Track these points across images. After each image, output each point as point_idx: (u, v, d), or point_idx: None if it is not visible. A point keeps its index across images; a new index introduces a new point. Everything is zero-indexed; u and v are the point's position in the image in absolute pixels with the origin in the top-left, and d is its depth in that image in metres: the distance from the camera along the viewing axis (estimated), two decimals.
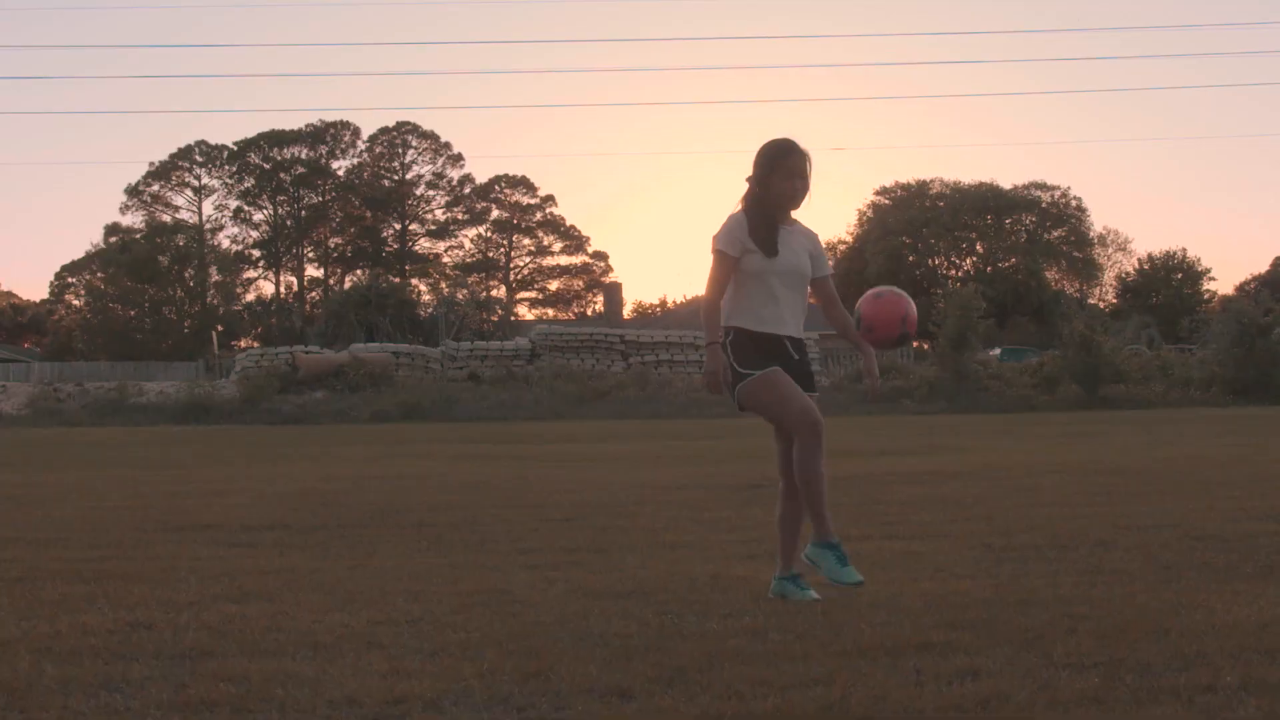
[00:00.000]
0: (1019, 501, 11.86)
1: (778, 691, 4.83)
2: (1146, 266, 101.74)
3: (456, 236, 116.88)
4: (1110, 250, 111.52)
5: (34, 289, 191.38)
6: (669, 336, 50.31)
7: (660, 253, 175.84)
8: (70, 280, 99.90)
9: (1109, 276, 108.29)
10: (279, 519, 11.21)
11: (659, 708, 4.68)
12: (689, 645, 5.63)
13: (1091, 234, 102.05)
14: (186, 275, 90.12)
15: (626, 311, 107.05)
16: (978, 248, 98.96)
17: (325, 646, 5.74)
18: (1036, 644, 5.53)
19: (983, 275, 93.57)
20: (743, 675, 5.05)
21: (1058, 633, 5.73)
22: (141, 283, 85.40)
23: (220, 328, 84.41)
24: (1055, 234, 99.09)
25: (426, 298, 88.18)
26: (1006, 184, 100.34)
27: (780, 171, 7.02)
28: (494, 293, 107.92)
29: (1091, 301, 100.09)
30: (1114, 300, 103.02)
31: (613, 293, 78.03)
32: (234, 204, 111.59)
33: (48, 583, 7.70)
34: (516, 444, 25.06)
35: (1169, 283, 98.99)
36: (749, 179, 7.11)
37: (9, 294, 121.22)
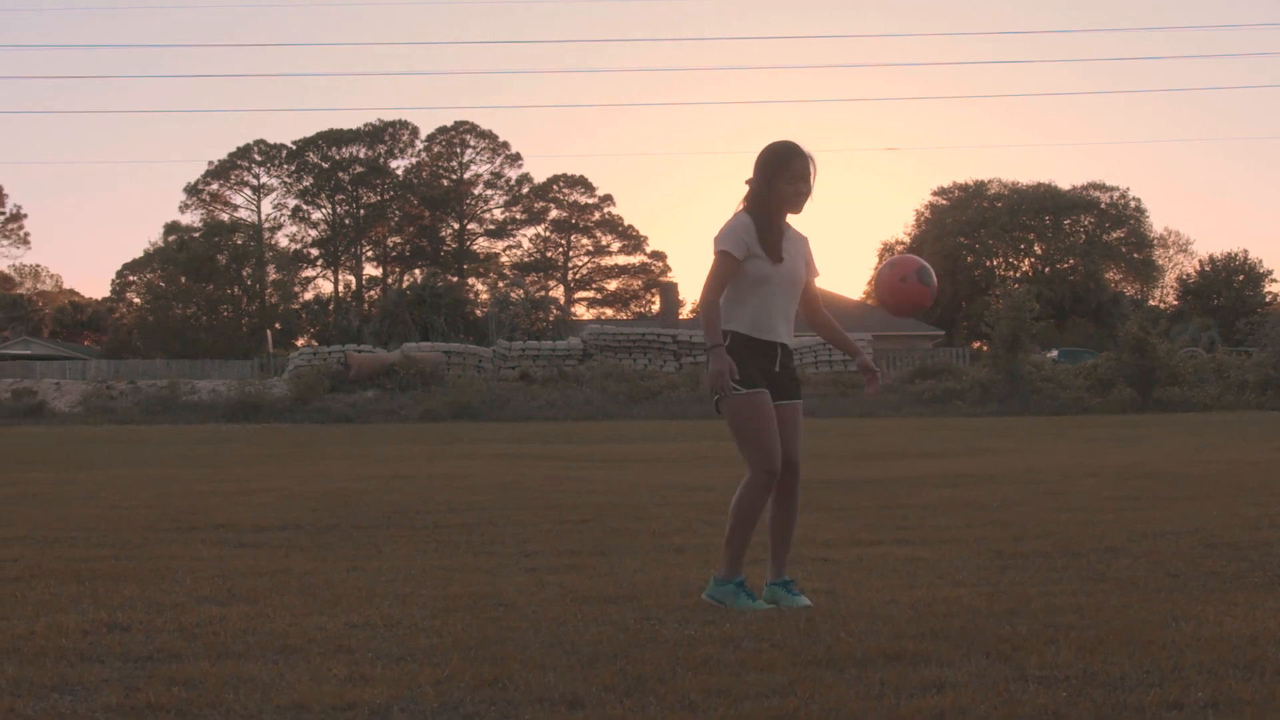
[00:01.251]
0: (1043, 506, 11.71)
1: (733, 702, 4.73)
2: (1207, 268, 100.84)
3: (514, 236, 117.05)
4: (1171, 251, 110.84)
5: (96, 287, 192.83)
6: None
7: None
8: (131, 279, 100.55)
9: (1170, 278, 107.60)
10: (294, 519, 11.19)
11: (607, 717, 4.59)
12: (658, 653, 5.53)
13: (1151, 235, 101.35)
14: (244, 274, 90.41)
15: (684, 311, 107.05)
16: (1036, 249, 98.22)
17: (293, 650, 5.68)
18: (1013, 656, 5.40)
19: (1041, 276, 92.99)
20: (702, 684, 4.96)
21: (1037, 644, 5.60)
22: (198, 281, 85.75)
23: (277, 326, 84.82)
24: (1114, 235, 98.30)
25: (484, 297, 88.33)
26: (1065, 184, 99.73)
27: (785, 175, 6.90)
28: (552, 292, 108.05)
29: (1152, 303, 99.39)
30: (1175, 302, 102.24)
31: (669, 293, 77.88)
32: (292, 203, 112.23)
33: (41, 582, 7.69)
34: (561, 444, 25.05)
35: (1230, 285, 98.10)
36: (749, 181, 6.99)
37: (70, 292, 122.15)
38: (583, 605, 6.74)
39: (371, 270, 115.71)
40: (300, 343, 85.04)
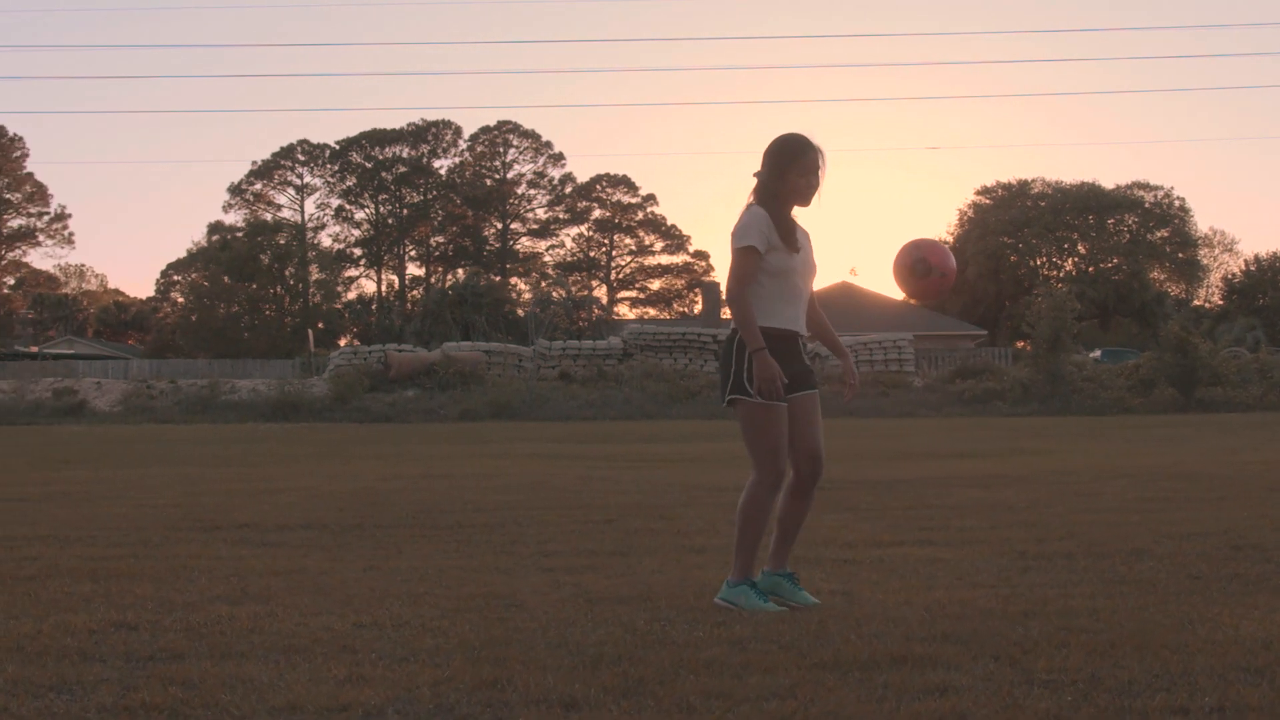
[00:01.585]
0: (1072, 507, 11.61)
1: (731, 705, 4.68)
2: (1253, 268, 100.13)
3: (557, 236, 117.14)
4: (1216, 251, 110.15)
5: (141, 287, 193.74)
6: None
7: None
8: (176, 279, 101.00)
9: (1215, 277, 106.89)
10: (318, 519, 11.18)
11: None
12: (663, 654, 5.48)
13: (1196, 235, 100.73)
14: (286, 274, 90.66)
15: (726, 311, 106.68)
16: (1080, 248, 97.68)
17: (297, 650, 5.65)
18: (1022, 659, 5.33)
19: (1084, 276, 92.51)
20: (703, 687, 4.91)
21: (1048, 647, 5.53)
22: (241, 280, 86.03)
23: (320, 325, 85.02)
24: (1158, 235, 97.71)
25: (527, 296, 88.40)
26: (1109, 184, 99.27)
27: (796, 168, 6.86)
28: (595, 292, 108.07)
29: (1197, 303, 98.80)
30: (1220, 302, 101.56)
31: (710, 292, 77.53)
32: (335, 203, 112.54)
33: (56, 581, 7.69)
34: (596, 444, 25.00)
35: (1276, 284, 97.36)
36: (758, 174, 6.94)
37: (115, 292, 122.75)
38: (595, 606, 6.69)
39: (415, 270, 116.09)
40: (343, 342, 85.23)
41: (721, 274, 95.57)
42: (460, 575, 7.85)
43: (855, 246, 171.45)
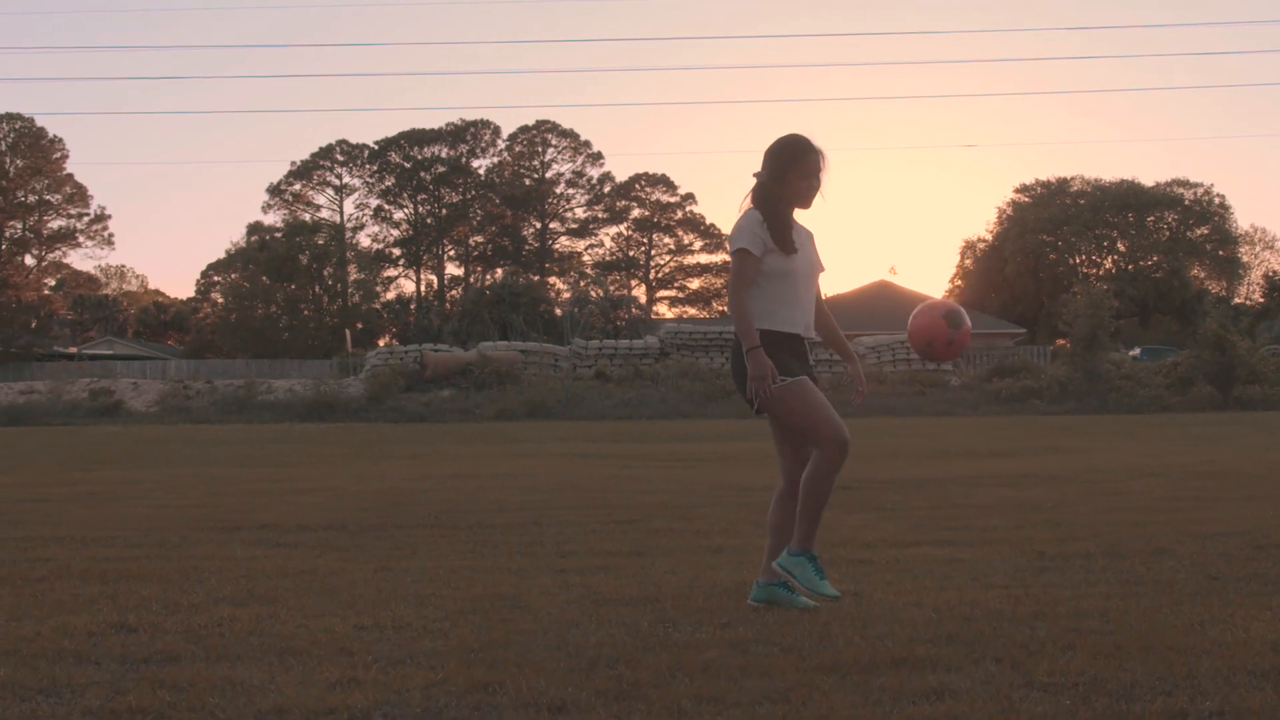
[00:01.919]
0: (1099, 506, 11.51)
1: (723, 709, 4.60)
2: None
3: (596, 235, 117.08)
4: (1256, 248, 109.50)
5: (182, 288, 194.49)
6: None
7: None
8: (216, 279, 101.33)
9: (1255, 275, 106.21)
10: (340, 519, 11.15)
11: None
12: (663, 657, 5.40)
13: (1236, 232, 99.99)
14: (325, 274, 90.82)
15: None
16: (1119, 246, 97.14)
17: (294, 652, 5.60)
18: (1025, 661, 5.23)
19: (1124, 274, 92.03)
20: (697, 690, 4.83)
21: (1054, 649, 5.43)
22: (279, 281, 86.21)
23: (359, 326, 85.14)
24: (1198, 232, 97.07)
25: (565, 296, 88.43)
26: (1148, 181, 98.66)
27: (798, 169, 6.79)
28: (634, 291, 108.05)
29: (1237, 301, 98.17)
30: (1260, 299, 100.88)
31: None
32: (374, 203, 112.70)
33: (65, 582, 7.66)
34: (629, 443, 24.95)
35: None
36: (757, 174, 6.86)
37: (156, 293, 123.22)
38: (601, 607, 6.62)
39: (454, 269, 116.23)
40: (382, 342, 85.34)
41: None
42: (471, 576, 7.80)
43: (894, 245, 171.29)
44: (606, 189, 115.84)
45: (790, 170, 6.77)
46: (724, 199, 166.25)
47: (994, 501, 12.15)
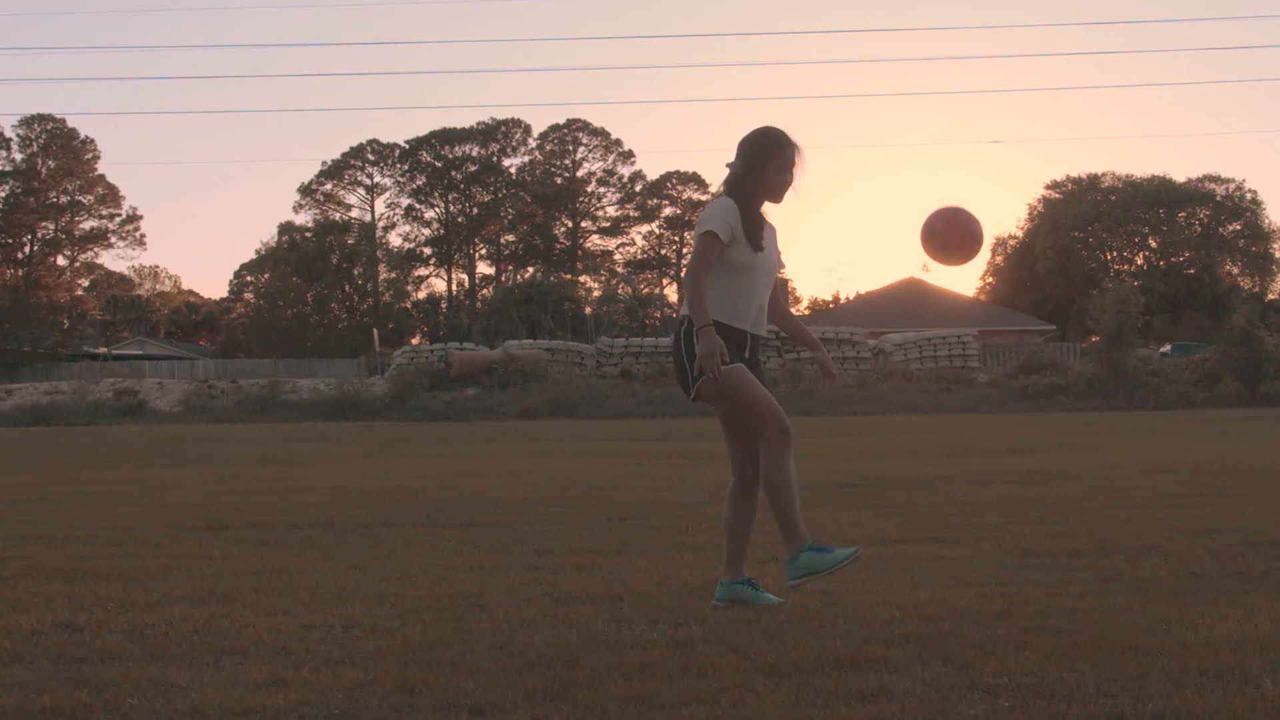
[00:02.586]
0: (1101, 503, 11.34)
1: (647, 710, 4.48)
2: None
3: (628, 233, 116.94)
4: None
5: (215, 288, 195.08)
6: (824, 332, 49.65)
7: (836, 247, 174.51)
8: (249, 279, 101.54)
9: None
10: (331, 517, 11.06)
11: None
12: (604, 657, 5.28)
13: (1269, 228, 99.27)
14: (355, 273, 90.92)
15: (802, 307, 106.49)
16: (1150, 242, 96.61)
17: (232, 652, 5.51)
18: (975, 662, 5.09)
19: (1155, 270, 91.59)
20: (628, 692, 4.70)
21: (1008, 650, 5.29)
22: (310, 280, 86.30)
23: (390, 325, 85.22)
24: (1230, 228, 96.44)
25: (597, 294, 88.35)
26: (1179, 177, 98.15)
27: (774, 162, 6.71)
28: (666, 290, 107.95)
29: (1271, 297, 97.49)
30: None
31: (778, 288, 77.46)
32: (405, 202, 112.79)
33: (29, 581, 7.59)
34: (648, 441, 24.82)
35: None
36: (731, 165, 6.74)
37: (189, 293, 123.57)
38: (560, 606, 6.51)
39: (485, 268, 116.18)
40: (415, 340, 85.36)
41: (791, 272, 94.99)
42: (440, 574, 7.69)
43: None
44: (638, 187, 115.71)
45: (766, 163, 6.69)
46: None
47: (995, 498, 11.99)
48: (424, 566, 8.05)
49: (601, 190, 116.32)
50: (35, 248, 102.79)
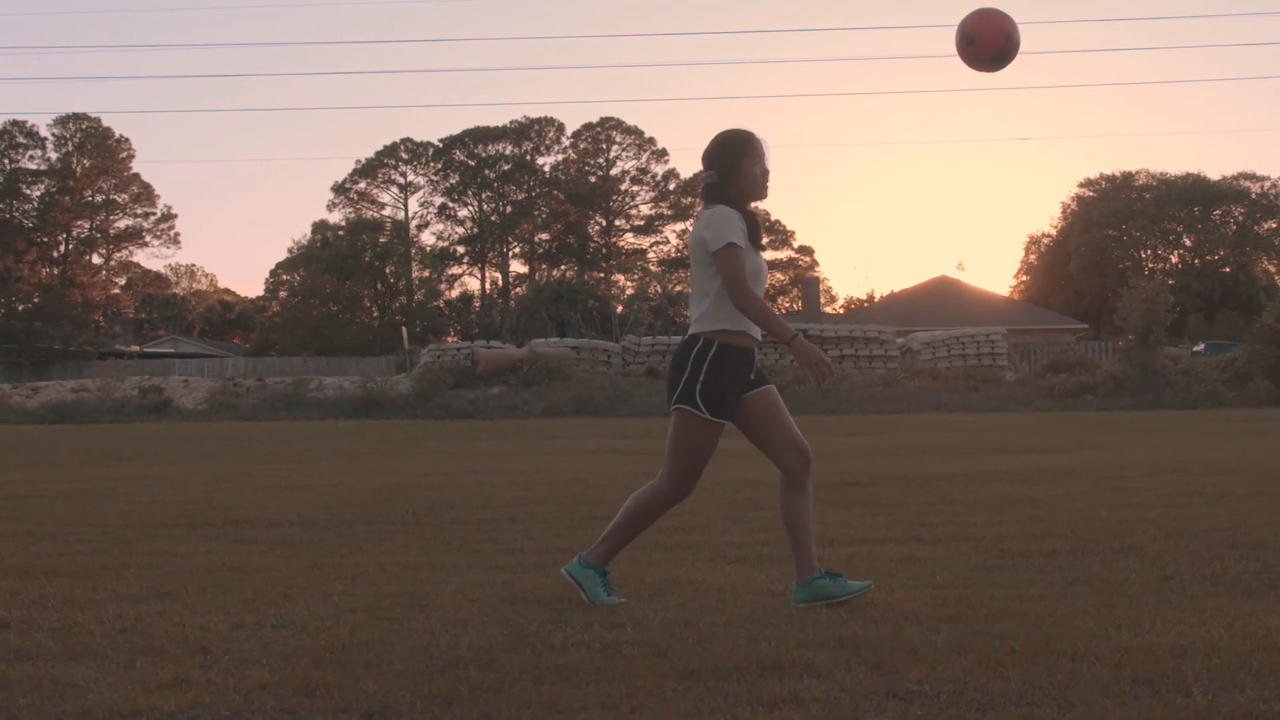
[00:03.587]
0: (1096, 503, 11.13)
1: (546, 715, 4.34)
2: None
3: (661, 232, 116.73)
4: None
5: (252, 286, 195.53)
6: (852, 331, 49.47)
7: (872, 247, 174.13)
8: (285, 277, 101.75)
9: None
10: (315, 515, 10.98)
11: None
12: (524, 659, 5.15)
13: None
14: (387, 271, 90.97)
15: (838, 305, 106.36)
16: (1185, 240, 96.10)
17: (150, 651, 5.41)
18: (905, 667, 4.93)
19: (1190, 268, 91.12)
20: (532, 696, 4.56)
21: (942, 654, 5.12)
22: (341, 279, 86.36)
23: (421, 323, 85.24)
24: (1266, 226, 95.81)
25: (630, 292, 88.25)
26: (1214, 175, 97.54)
27: (749, 157, 6.59)
28: None
29: None
30: None
31: (809, 287, 77.49)
32: (439, 200, 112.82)
33: None
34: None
35: None
36: (706, 177, 6.60)
37: (225, 291, 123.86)
38: (505, 607, 6.39)
39: (519, 267, 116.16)
40: (451, 339, 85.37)
41: (825, 269, 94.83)
42: (397, 573, 7.57)
43: (959, 240, 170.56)
44: (671, 186, 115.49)
45: (741, 160, 6.58)
46: (790, 196, 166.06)
47: (990, 498, 11.80)
48: (384, 565, 7.93)
49: (635, 189, 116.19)
50: (70, 246, 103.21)
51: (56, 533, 9.81)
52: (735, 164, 6.56)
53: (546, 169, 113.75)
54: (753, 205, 6.68)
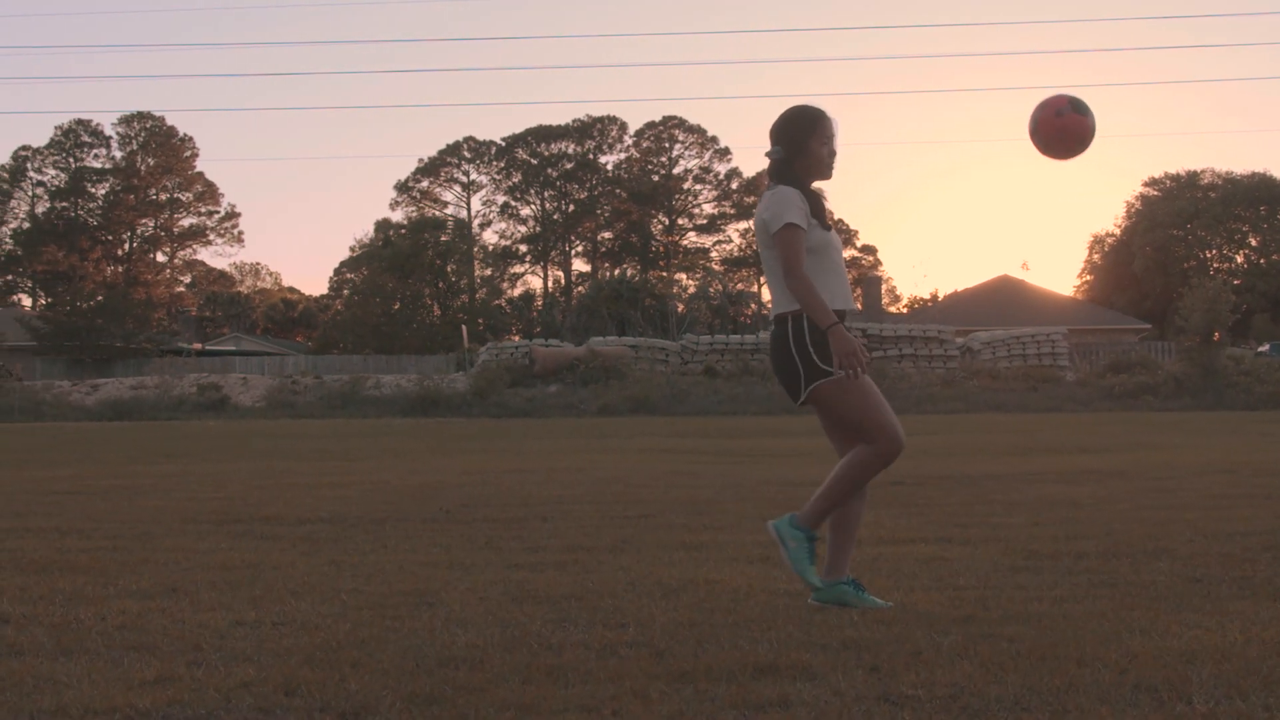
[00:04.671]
0: (1137, 504, 10.93)
1: (522, 717, 4.25)
2: None
3: (724, 230, 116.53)
4: None
5: (317, 285, 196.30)
6: (911, 330, 49.17)
7: (936, 246, 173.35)
8: (349, 276, 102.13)
9: None
10: (347, 512, 10.91)
11: None
12: (517, 659, 5.05)
13: None
14: (449, 270, 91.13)
15: (902, 305, 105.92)
16: (1251, 240, 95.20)
17: (141, 648, 5.35)
18: (903, 671, 4.80)
19: (1256, 268, 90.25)
20: (514, 697, 4.46)
21: (943, 657, 4.99)
22: (403, 277, 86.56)
23: (483, 322, 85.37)
24: None
25: (691, 291, 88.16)
26: None
27: (816, 136, 6.50)
28: (760, 287, 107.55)
29: None
30: None
31: (871, 286, 77.30)
32: (501, 199, 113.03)
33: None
34: (717, 439, 24.50)
35: None
36: (772, 153, 6.51)
37: (289, 289, 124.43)
38: (513, 606, 6.29)
39: (581, 266, 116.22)
40: (517, 338, 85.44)
41: (889, 268, 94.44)
42: (413, 570, 7.50)
43: (1024, 239, 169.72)
44: (734, 184, 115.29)
45: (809, 139, 6.50)
46: (851, 195, 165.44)
47: (1031, 498, 11.62)
48: (402, 563, 7.86)
49: (697, 187, 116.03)
50: (135, 244, 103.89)
51: (84, 529, 9.78)
52: (803, 141, 6.49)
53: (609, 168, 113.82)
54: (816, 185, 6.57)
